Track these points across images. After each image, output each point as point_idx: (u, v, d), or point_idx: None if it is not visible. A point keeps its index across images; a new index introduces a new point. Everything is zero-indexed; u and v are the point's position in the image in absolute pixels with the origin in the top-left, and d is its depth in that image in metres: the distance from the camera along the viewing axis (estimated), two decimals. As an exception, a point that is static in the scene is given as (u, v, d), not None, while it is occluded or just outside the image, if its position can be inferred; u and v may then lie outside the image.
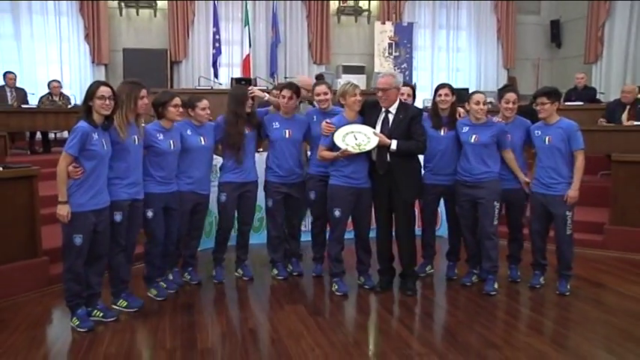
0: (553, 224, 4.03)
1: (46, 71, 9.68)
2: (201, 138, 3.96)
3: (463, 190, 4.03)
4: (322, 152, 3.93)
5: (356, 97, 3.88)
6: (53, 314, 3.72)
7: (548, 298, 3.98)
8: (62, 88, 8.48)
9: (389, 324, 3.55)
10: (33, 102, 8.14)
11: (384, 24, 11.15)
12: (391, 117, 3.88)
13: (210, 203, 4.27)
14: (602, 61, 10.70)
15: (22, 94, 8.15)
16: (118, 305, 3.63)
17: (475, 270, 4.26)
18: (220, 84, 10.11)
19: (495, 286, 4.04)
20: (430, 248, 4.48)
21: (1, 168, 4.06)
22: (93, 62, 10.19)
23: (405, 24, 11.22)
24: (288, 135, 4.19)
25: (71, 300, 3.37)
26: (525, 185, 4.10)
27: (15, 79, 8.17)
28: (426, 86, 10.60)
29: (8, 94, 7.98)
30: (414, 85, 4.64)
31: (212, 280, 4.29)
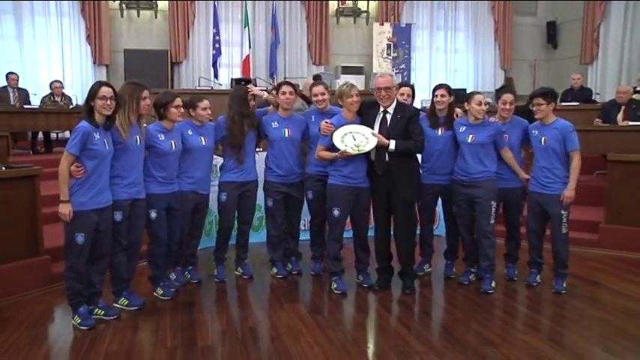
0: (549, 223, 4.05)
1: (48, 72, 9.70)
2: (201, 138, 3.97)
3: (460, 190, 4.05)
4: (321, 152, 3.93)
5: (353, 99, 3.88)
6: (55, 313, 3.74)
7: (544, 296, 4.00)
8: (64, 89, 8.49)
9: (387, 322, 3.56)
10: (35, 102, 8.17)
11: (383, 25, 11.16)
12: (389, 117, 3.89)
13: (210, 203, 4.28)
14: (597, 62, 10.71)
15: (25, 95, 8.19)
16: (119, 304, 3.65)
17: (472, 269, 4.28)
18: (220, 84, 10.13)
19: (493, 285, 4.05)
20: (428, 247, 4.50)
21: (4, 168, 4.09)
22: (94, 63, 10.20)
23: (403, 25, 11.23)
24: (287, 134, 4.19)
25: (73, 298, 3.39)
26: (526, 182, 4.11)
27: (17, 80, 8.20)
28: (424, 87, 10.60)
29: (11, 95, 8.02)
30: (413, 86, 4.65)
31: (212, 279, 4.31)
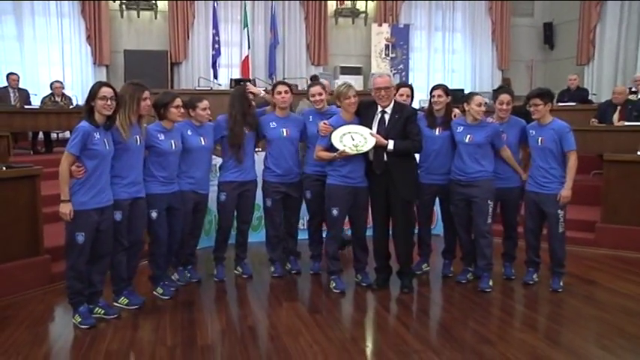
0: (546, 222, 4.07)
1: (48, 72, 9.72)
2: (201, 138, 3.98)
3: (457, 189, 4.06)
4: (320, 153, 3.94)
5: (350, 100, 3.88)
6: (55, 312, 3.75)
7: (541, 295, 4.02)
8: (64, 89, 8.50)
9: (386, 321, 3.58)
10: (35, 102, 8.18)
11: (381, 26, 11.20)
12: (387, 117, 3.90)
13: (209, 202, 4.29)
14: (593, 63, 10.77)
15: (25, 95, 8.20)
16: (120, 303, 3.66)
17: (470, 268, 4.29)
18: (220, 85, 10.15)
19: (490, 284, 4.07)
20: (426, 246, 4.51)
21: (4, 168, 4.09)
22: (94, 63, 10.23)
23: (402, 26, 11.27)
24: (285, 134, 4.20)
25: (73, 297, 3.40)
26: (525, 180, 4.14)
27: (18, 80, 8.21)
28: (422, 87, 10.63)
29: (11, 95, 8.03)
30: (412, 86, 4.66)
31: (212, 278, 4.32)
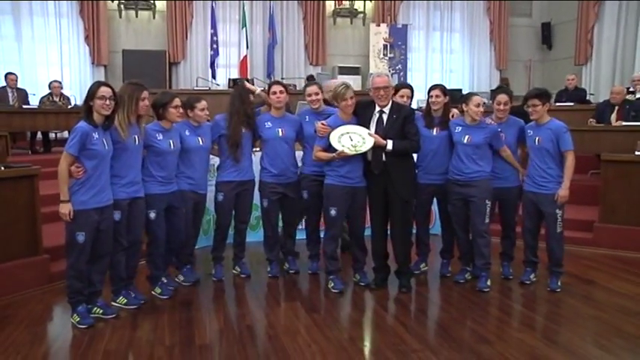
0: (544, 222, 4.08)
1: (47, 72, 9.73)
2: (199, 138, 3.99)
3: (455, 189, 4.06)
4: (318, 153, 3.95)
5: (347, 102, 3.86)
6: (54, 311, 3.76)
7: (539, 295, 4.02)
8: (63, 89, 8.49)
9: (384, 320, 3.58)
10: (34, 102, 8.18)
11: (379, 26, 11.21)
12: (385, 117, 3.90)
13: (207, 202, 4.30)
14: (591, 63, 10.79)
15: (23, 95, 8.19)
16: (118, 302, 3.66)
17: (468, 267, 4.29)
18: (218, 85, 10.14)
19: (488, 283, 4.07)
20: (424, 246, 4.51)
21: (3, 167, 4.09)
22: (92, 63, 10.23)
23: (400, 26, 11.29)
24: (281, 134, 4.19)
25: (73, 297, 3.41)
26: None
27: (16, 80, 8.20)
28: (420, 87, 10.61)
29: (9, 95, 8.02)
30: (412, 87, 4.65)
31: (210, 278, 4.31)
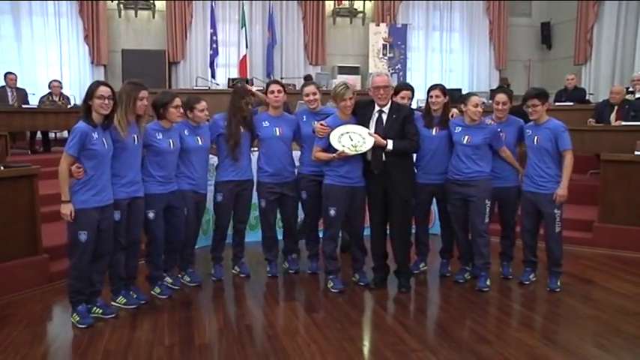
0: (543, 222, 4.08)
1: (46, 72, 9.74)
2: (198, 138, 3.98)
3: (454, 189, 4.06)
4: (317, 154, 3.94)
5: (346, 103, 3.86)
6: (54, 311, 3.76)
7: (538, 295, 4.03)
8: (62, 89, 8.49)
9: (383, 320, 3.58)
10: (33, 102, 8.17)
11: (379, 25, 11.21)
12: (384, 116, 3.90)
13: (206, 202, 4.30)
14: (591, 63, 10.80)
15: (23, 95, 8.19)
16: (117, 302, 3.67)
17: (467, 267, 4.29)
18: (217, 84, 10.15)
19: (488, 283, 4.07)
20: (424, 246, 4.52)
21: (2, 167, 4.09)
22: (92, 63, 10.24)
23: (399, 25, 11.29)
24: (278, 133, 4.18)
25: (74, 296, 3.41)
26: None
27: (15, 80, 8.20)
28: (420, 87, 10.62)
29: (9, 95, 8.01)
30: (412, 87, 4.64)
31: (209, 278, 4.31)
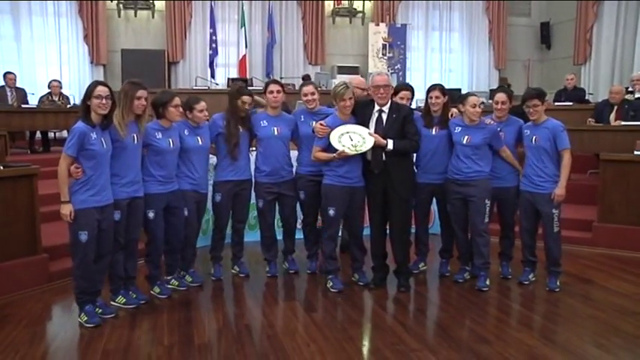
0: (541, 222, 4.08)
1: (46, 71, 9.75)
2: (198, 138, 3.98)
3: (454, 188, 4.06)
4: (317, 154, 3.94)
5: (345, 103, 3.86)
6: (53, 310, 3.77)
7: (538, 294, 4.03)
8: (62, 88, 8.49)
9: (383, 320, 3.58)
10: (33, 102, 8.18)
11: (378, 25, 11.23)
12: (384, 116, 3.90)
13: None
14: (590, 63, 10.83)
15: (22, 94, 8.19)
16: (117, 302, 3.66)
17: (467, 267, 4.30)
18: (217, 84, 10.17)
19: (487, 283, 4.07)
20: (423, 246, 4.52)
21: (2, 167, 4.08)
22: (91, 63, 10.26)
23: (399, 25, 11.30)
24: (276, 132, 4.19)
25: (80, 297, 3.41)
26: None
27: (15, 80, 8.20)
28: (419, 87, 10.61)
29: (8, 94, 8.01)
30: (412, 88, 4.64)
31: (209, 277, 4.31)
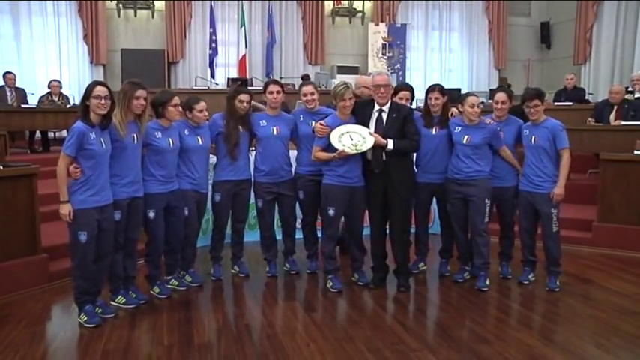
0: (540, 222, 4.08)
1: (45, 71, 9.74)
2: (198, 138, 3.98)
3: (454, 188, 4.06)
4: (317, 153, 3.94)
5: (345, 103, 3.86)
6: (53, 310, 3.77)
7: (537, 294, 4.03)
8: (62, 88, 8.49)
9: (382, 320, 3.58)
10: (32, 102, 8.17)
11: (378, 25, 11.22)
12: (385, 116, 3.90)
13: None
14: (590, 62, 10.82)
15: (22, 94, 8.19)
16: (117, 302, 3.67)
17: (467, 267, 4.30)
18: (217, 84, 10.16)
19: (487, 282, 4.08)
20: (423, 245, 4.52)
21: (2, 167, 4.08)
22: (91, 62, 10.25)
23: (399, 25, 11.29)
24: (275, 132, 4.19)
25: (80, 297, 3.41)
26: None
27: (15, 79, 8.20)
28: (419, 86, 10.59)
29: (8, 94, 8.01)
30: (412, 87, 4.64)
31: (208, 277, 4.31)
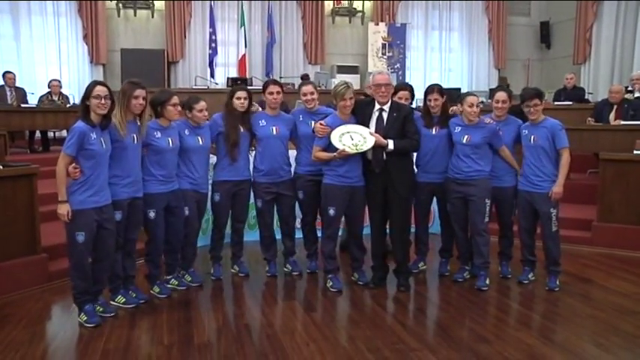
0: (540, 221, 4.08)
1: (45, 71, 9.74)
2: (199, 138, 3.98)
3: (454, 188, 4.07)
4: (317, 153, 3.94)
5: (345, 103, 3.85)
6: (53, 310, 3.77)
7: (537, 294, 4.03)
8: (62, 88, 8.49)
9: (382, 319, 3.58)
10: (32, 101, 8.17)
11: (378, 25, 11.21)
12: (385, 115, 3.90)
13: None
14: (590, 62, 10.81)
15: (22, 94, 8.18)
16: (116, 301, 3.67)
17: (467, 266, 4.30)
18: (217, 84, 10.16)
19: (487, 282, 4.08)
20: (423, 245, 4.53)
21: (1, 167, 4.08)
22: (91, 62, 10.23)
23: (399, 25, 11.28)
24: (275, 132, 4.19)
25: (79, 297, 3.41)
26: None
27: (14, 79, 8.19)
28: (419, 86, 10.56)
29: (8, 94, 8.00)
30: (412, 87, 4.63)
31: (208, 277, 4.32)
